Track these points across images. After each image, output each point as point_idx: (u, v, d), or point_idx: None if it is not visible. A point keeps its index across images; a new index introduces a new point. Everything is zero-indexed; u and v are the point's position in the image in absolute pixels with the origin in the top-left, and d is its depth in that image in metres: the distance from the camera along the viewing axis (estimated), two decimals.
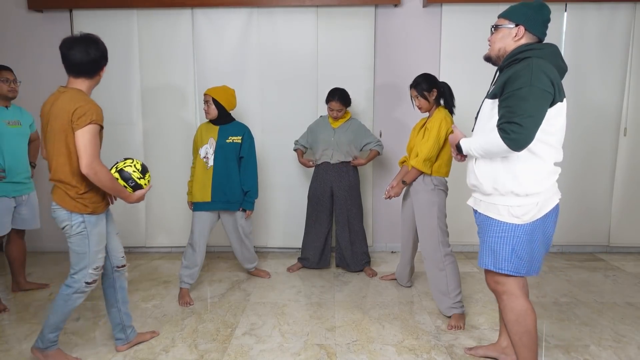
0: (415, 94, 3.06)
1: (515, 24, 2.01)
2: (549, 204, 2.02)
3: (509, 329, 2.12)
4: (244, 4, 4.11)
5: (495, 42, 2.08)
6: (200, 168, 3.34)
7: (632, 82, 4.18)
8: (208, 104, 3.31)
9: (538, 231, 2.03)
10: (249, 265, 3.74)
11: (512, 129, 1.85)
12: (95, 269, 2.33)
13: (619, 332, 2.81)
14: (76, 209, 2.25)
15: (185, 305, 3.22)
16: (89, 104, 2.19)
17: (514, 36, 2.02)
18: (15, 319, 3.04)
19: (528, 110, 1.84)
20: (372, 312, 3.11)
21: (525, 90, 1.85)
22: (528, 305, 2.09)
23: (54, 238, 4.45)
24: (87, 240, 2.28)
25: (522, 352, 2.10)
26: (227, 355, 2.57)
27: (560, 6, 4.10)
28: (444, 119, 2.95)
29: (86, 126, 2.15)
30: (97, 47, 2.28)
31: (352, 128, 3.76)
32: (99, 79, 2.38)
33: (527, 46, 1.98)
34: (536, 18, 2.00)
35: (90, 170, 2.15)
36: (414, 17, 4.19)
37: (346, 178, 3.78)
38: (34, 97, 4.27)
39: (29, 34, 4.26)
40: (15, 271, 3.47)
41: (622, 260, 4.20)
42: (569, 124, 4.14)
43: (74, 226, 2.26)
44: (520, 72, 1.88)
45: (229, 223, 3.49)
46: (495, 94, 1.99)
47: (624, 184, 4.32)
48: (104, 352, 2.60)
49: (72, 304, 2.32)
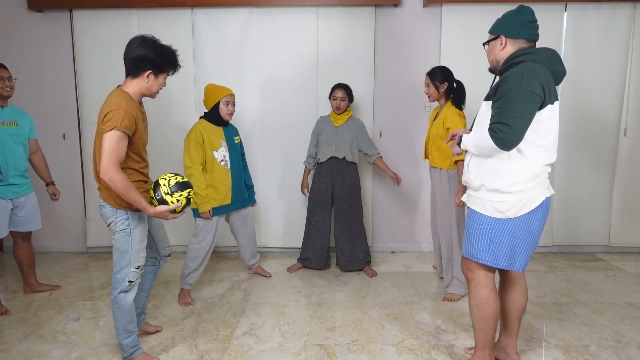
0: (428, 81, 3.31)
1: (497, 35, 2.16)
2: (534, 201, 2.10)
3: (470, 311, 2.30)
4: (243, 3, 4.11)
5: (488, 55, 2.25)
6: (219, 172, 3.26)
7: (632, 83, 4.18)
8: (232, 104, 3.34)
9: (522, 227, 2.12)
10: (254, 260, 3.76)
11: (500, 128, 1.96)
12: (136, 267, 2.34)
13: (619, 332, 2.81)
14: (121, 206, 2.26)
15: (186, 306, 3.22)
16: (119, 110, 2.14)
17: (499, 46, 2.15)
18: (16, 319, 3.04)
19: (515, 112, 1.94)
20: (372, 312, 3.11)
21: (513, 92, 1.94)
22: (490, 295, 2.23)
23: (53, 238, 4.45)
24: (129, 237, 2.29)
25: (477, 334, 2.29)
26: (227, 355, 2.58)
27: (561, 6, 4.10)
28: (458, 115, 3.17)
29: (110, 131, 2.12)
30: (143, 46, 2.21)
31: (354, 127, 3.77)
32: (149, 84, 2.27)
33: (524, 50, 2.07)
34: (515, 23, 2.11)
35: (105, 176, 2.12)
36: (414, 17, 4.19)
37: (347, 177, 3.78)
38: (33, 97, 4.29)
39: (29, 34, 4.26)
40: (25, 273, 3.44)
41: (622, 260, 4.20)
42: (569, 124, 4.22)
43: (118, 223, 2.28)
44: (511, 76, 1.98)
45: (240, 220, 3.51)
46: (490, 96, 2.10)
47: (624, 184, 4.31)
48: (104, 352, 2.61)
49: (123, 304, 2.33)
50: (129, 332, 2.39)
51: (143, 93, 2.31)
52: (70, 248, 4.53)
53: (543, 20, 4.01)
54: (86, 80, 4.27)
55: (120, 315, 2.34)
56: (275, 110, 4.29)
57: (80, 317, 3.07)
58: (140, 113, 2.29)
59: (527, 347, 2.64)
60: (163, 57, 2.26)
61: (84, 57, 4.24)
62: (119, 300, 2.33)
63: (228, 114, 3.31)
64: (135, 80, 2.27)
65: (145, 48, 2.20)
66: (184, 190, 2.29)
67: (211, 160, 3.24)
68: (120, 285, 2.32)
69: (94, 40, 4.22)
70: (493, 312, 2.23)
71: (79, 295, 3.45)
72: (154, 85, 2.30)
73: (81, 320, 3.02)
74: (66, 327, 2.92)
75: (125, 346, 2.40)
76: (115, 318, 2.36)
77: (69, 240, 4.52)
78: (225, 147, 3.32)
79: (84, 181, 4.43)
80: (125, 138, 2.17)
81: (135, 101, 2.28)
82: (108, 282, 3.69)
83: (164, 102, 4.26)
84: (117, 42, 4.18)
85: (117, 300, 2.33)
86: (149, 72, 2.24)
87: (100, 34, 4.21)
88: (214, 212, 3.25)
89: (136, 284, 2.37)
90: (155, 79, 2.28)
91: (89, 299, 3.37)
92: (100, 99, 4.17)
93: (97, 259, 4.32)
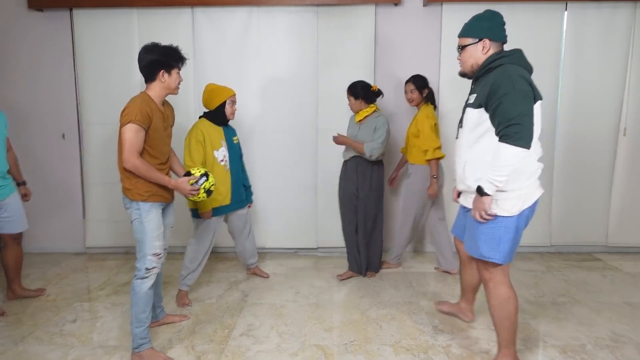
0: (412, 87, 3.67)
1: (479, 38, 2.23)
2: (532, 197, 2.19)
3: (492, 314, 2.31)
4: (244, 3, 4.10)
5: (466, 60, 2.30)
6: (219, 172, 3.24)
7: (632, 82, 4.18)
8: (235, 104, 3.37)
9: (523, 222, 2.21)
10: (253, 260, 3.76)
11: (514, 130, 2.01)
12: (154, 254, 2.49)
13: (616, 332, 2.81)
14: (134, 197, 2.46)
15: (183, 307, 3.22)
16: (135, 106, 2.40)
17: (482, 49, 2.23)
18: (12, 320, 3.04)
19: (522, 111, 2.01)
20: (369, 313, 3.11)
21: (511, 95, 2.02)
22: (510, 293, 2.26)
23: (52, 239, 4.45)
24: (142, 226, 2.47)
25: (502, 333, 2.30)
26: (225, 356, 2.58)
27: (561, 5, 4.09)
28: (427, 117, 3.58)
29: (126, 125, 2.37)
30: (149, 53, 2.47)
31: (373, 125, 3.55)
32: (166, 82, 2.52)
33: (498, 54, 2.18)
34: (494, 26, 2.23)
35: (128, 164, 2.38)
36: (414, 16, 4.19)
37: (368, 179, 3.60)
38: (33, 97, 4.28)
39: (29, 33, 4.25)
40: (10, 278, 3.33)
41: (620, 260, 4.20)
42: (568, 123, 4.21)
43: (132, 213, 2.49)
44: (500, 81, 2.06)
45: (239, 220, 3.51)
46: (481, 104, 2.14)
47: (622, 183, 4.31)
48: (101, 354, 2.61)
49: (138, 290, 2.47)
50: (140, 322, 2.49)
51: (165, 92, 2.56)
52: (69, 249, 4.51)
53: (543, 20, 4.09)
54: (86, 80, 4.26)
55: (135, 301, 2.48)
56: (274, 109, 4.29)
57: (77, 318, 3.07)
58: (159, 112, 2.52)
59: (524, 346, 2.65)
60: (168, 55, 2.51)
61: (84, 56, 4.24)
62: (135, 286, 2.48)
63: (232, 114, 3.34)
64: (154, 83, 2.52)
65: (150, 54, 2.47)
66: (210, 179, 2.63)
67: (211, 159, 3.23)
68: (139, 273, 2.48)
69: (94, 39, 4.21)
70: (516, 309, 2.26)
71: (77, 296, 3.44)
72: (171, 82, 2.54)
73: (78, 321, 3.02)
74: (63, 328, 2.92)
75: (135, 336, 2.49)
76: (131, 304, 2.50)
77: (67, 241, 4.51)
78: (226, 147, 3.32)
79: (82, 181, 4.42)
80: (142, 130, 2.40)
81: (156, 101, 2.52)
82: (106, 283, 3.69)
83: None
84: (117, 41, 4.20)
85: (133, 286, 2.49)
86: (161, 71, 2.49)
87: (100, 33, 4.21)
88: (213, 212, 3.24)
89: (153, 273, 2.50)
90: (169, 76, 2.52)
91: (87, 300, 3.37)
92: (100, 98, 4.26)
93: (96, 259, 4.32)
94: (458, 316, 2.96)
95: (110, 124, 4.13)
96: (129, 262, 4.15)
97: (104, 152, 4.31)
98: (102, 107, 4.26)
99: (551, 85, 4.15)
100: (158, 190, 2.52)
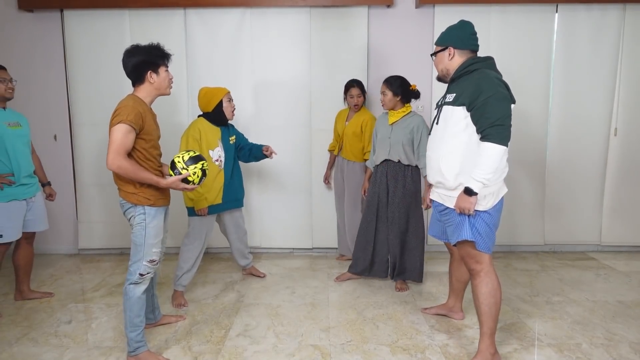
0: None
1: (445, 46, 2.43)
2: (501, 191, 2.36)
3: (481, 302, 2.37)
4: (236, 4, 4.10)
5: (436, 65, 2.52)
6: (212, 171, 3.23)
7: (622, 83, 4.22)
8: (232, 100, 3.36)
9: (497, 213, 2.36)
10: (246, 260, 3.74)
11: (497, 130, 2.17)
12: (149, 261, 2.44)
13: (611, 330, 2.84)
14: (139, 202, 2.40)
15: (179, 307, 3.20)
16: (126, 107, 2.31)
17: (448, 56, 2.43)
18: (7, 322, 3.01)
19: (503, 112, 2.19)
20: (366, 312, 3.12)
21: (493, 98, 2.19)
22: (498, 280, 2.40)
23: (44, 240, 4.41)
24: (144, 231, 2.41)
25: (488, 322, 2.37)
26: (221, 356, 2.57)
27: (552, 7, 4.13)
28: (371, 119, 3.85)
29: (116, 125, 2.28)
30: (131, 56, 2.40)
31: (410, 126, 3.35)
32: (156, 83, 2.45)
33: (473, 60, 2.37)
34: (461, 35, 2.41)
35: (112, 166, 2.27)
36: (406, 17, 4.21)
37: (401, 183, 3.39)
38: (24, 98, 4.24)
39: (19, 34, 4.22)
40: (20, 279, 3.33)
41: (613, 259, 4.24)
42: (560, 123, 4.25)
43: (136, 217, 2.41)
44: (482, 86, 2.22)
45: (231, 221, 3.51)
46: (463, 103, 2.27)
47: (614, 183, 4.36)
48: (96, 355, 2.59)
49: (131, 295, 2.43)
50: (135, 326, 2.45)
51: (155, 92, 2.49)
52: (62, 250, 4.49)
53: (535, 21, 4.13)
54: (77, 81, 4.23)
55: (129, 306, 2.43)
56: (268, 110, 4.28)
57: (72, 319, 3.04)
58: (151, 114, 2.48)
59: (520, 345, 2.66)
60: (151, 54, 2.43)
61: (75, 57, 4.21)
62: (128, 291, 2.43)
63: (232, 111, 3.34)
64: (143, 85, 2.45)
65: (133, 56, 2.39)
66: (198, 162, 2.43)
67: (206, 158, 3.22)
68: (132, 277, 2.43)
69: (85, 40, 4.18)
70: (500, 296, 2.39)
71: (71, 297, 3.42)
72: (161, 82, 2.47)
73: (73, 322, 3.00)
74: (58, 329, 2.90)
75: (130, 340, 2.46)
76: (124, 309, 2.45)
77: (60, 242, 4.48)
78: (221, 148, 3.31)
79: (75, 182, 4.39)
80: (132, 132, 2.30)
81: (146, 103, 2.45)
82: (100, 285, 3.66)
83: (156, 102, 4.20)
84: (108, 43, 4.17)
85: (126, 291, 2.44)
86: (148, 72, 2.41)
87: (91, 34, 4.18)
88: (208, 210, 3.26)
89: (147, 279, 2.47)
90: (158, 75, 2.45)
91: (81, 301, 3.35)
92: (91, 100, 4.23)
93: (89, 261, 4.29)
94: (448, 316, 3.02)
95: (101, 125, 4.10)
96: (122, 264, 4.12)
97: (96, 153, 4.28)
98: (94, 108, 4.23)
99: (542, 85, 4.18)
100: (161, 193, 2.48)
